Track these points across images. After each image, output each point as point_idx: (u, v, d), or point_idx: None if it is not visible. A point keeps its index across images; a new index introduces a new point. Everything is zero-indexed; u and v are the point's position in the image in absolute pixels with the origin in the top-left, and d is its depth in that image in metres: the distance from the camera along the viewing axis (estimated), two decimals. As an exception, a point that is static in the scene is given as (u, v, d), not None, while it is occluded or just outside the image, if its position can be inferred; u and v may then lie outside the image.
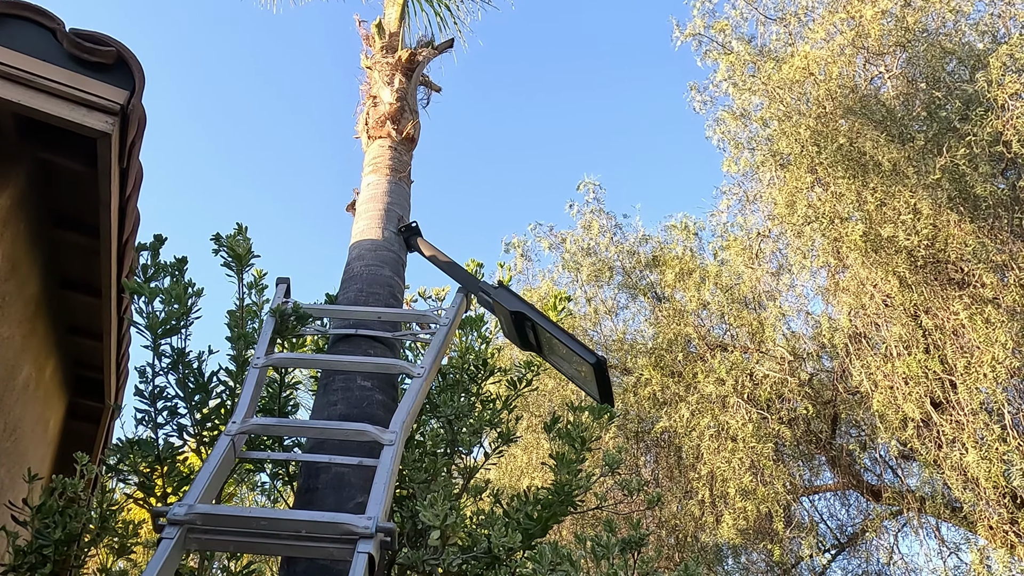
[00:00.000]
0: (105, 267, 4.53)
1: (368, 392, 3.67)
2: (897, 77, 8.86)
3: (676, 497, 9.45)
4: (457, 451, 4.42)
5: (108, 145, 3.35)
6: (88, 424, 6.98)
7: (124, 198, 4.04)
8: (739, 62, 10.90)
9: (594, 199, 12.08)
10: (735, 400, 8.42)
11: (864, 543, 11.70)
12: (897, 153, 7.65)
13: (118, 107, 3.32)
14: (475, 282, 4.11)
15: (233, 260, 4.35)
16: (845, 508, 12.27)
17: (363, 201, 4.65)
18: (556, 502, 4.07)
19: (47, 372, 5.72)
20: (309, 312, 3.88)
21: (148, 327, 3.52)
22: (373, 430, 2.92)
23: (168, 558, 2.35)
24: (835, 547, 11.97)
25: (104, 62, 3.36)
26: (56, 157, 3.66)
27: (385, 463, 2.78)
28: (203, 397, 4.22)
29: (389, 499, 2.70)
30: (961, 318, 7.11)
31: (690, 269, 10.20)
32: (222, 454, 2.80)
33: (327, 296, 4.47)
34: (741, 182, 10.44)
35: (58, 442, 6.65)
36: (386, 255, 4.33)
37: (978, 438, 7.00)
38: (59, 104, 3.24)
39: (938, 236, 7.25)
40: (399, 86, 5.15)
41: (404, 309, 4.42)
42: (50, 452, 6.52)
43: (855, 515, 12.15)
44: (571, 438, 4.33)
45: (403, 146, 4.95)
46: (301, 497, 3.38)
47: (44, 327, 5.19)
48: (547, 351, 3.95)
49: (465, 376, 4.79)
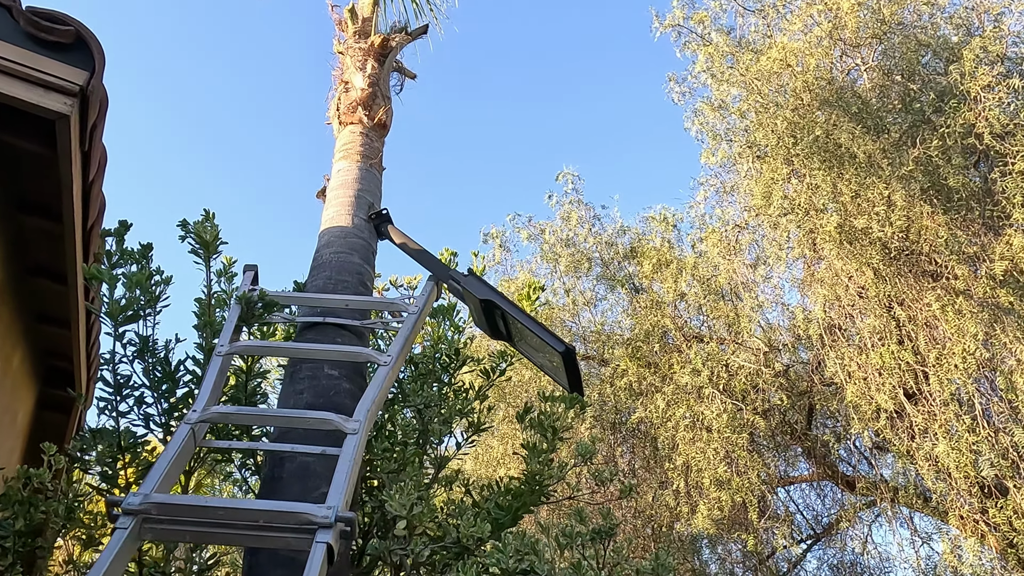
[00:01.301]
0: (70, 253, 4.43)
1: (335, 381, 3.63)
2: (873, 69, 8.90)
3: (652, 488, 9.48)
4: (428, 441, 4.39)
5: (67, 127, 3.26)
6: (59, 414, 6.87)
7: (88, 182, 3.94)
8: (718, 53, 10.90)
9: (573, 190, 12.07)
10: (710, 391, 8.44)
11: (839, 533, 11.81)
12: (872, 145, 7.68)
13: (77, 88, 3.23)
14: (445, 270, 4.07)
15: (200, 247, 4.28)
16: (820, 499, 12.38)
17: (333, 188, 4.59)
18: (527, 492, 4.06)
19: (15, 362, 5.60)
20: (276, 300, 3.83)
21: (108, 314, 3.44)
22: (336, 419, 2.88)
23: (121, 548, 2.30)
24: (810, 537, 12.07)
25: (62, 41, 3.27)
26: (16, 140, 3.56)
27: (347, 452, 2.75)
28: (170, 386, 4.16)
29: (351, 488, 2.67)
30: (934, 309, 7.17)
31: (667, 260, 10.21)
32: (181, 442, 2.75)
33: (295, 284, 4.42)
34: (719, 173, 10.47)
35: (28, 433, 6.54)
36: (356, 242, 4.27)
37: (949, 429, 7.07)
38: (15, 84, 3.15)
39: (911, 228, 7.30)
40: (371, 72, 5.09)
41: (373, 297, 4.38)
42: (19, 444, 6.40)
43: (830, 505, 12.27)
44: (543, 428, 4.31)
45: (375, 132, 4.89)
46: (266, 486, 3.34)
47: (10, 315, 5.07)
48: (517, 340, 3.92)
49: (437, 366, 4.75)
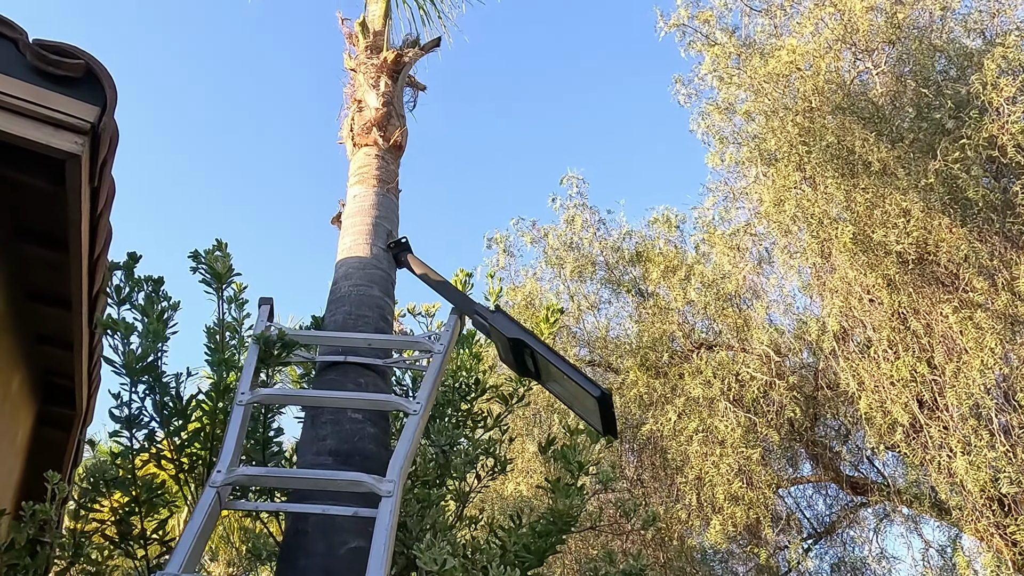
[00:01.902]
0: (76, 282, 4.27)
1: (359, 425, 3.48)
2: (885, 74, 8.75)
3: (661, 499, 9.38)
4: (450, 476, 4.25)
5: (78, 166, 3.09)
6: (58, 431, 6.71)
7: (95, 216, 3.77)
8: (724, 54, 10.73)
9: (577, 193, 11.91)
10: (724, 405, 8.33)
11: (840, 533, 11.79)
12: (886, 153, 7.55)
13: (88, 125, 3.05)
14: (470, 304, 3.90)
15: (212, 278, 4.12)
16: (823, 499, 12.35)
17: (349, 215, 4.42)
18: (554, 530, 3.93)
19: (14, 385, 5.44)
20: (295, 339, 3.66)
21: (124, 366, 3.28)
22: (370, 480, 2.73)
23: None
24: (810, 537, 12.04)
25: (72, 76, 3.09)
26: (20, 175, 3.38)
27: (384, 518, 2.60)
28: (181, 422, 4.01)
29: (389, 559, 2.52)
30: (951, 322, 7.06)
31: (674, 266, 10.07)
32: (207, 510, 2.60)
33: (313, 319, 4.25)
34: (727, 178, 10.32)
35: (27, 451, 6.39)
36: (375, 274, 4.11)
37: (967, 443, 6.98)
38: (23, 123, 2.97)
39: (928, 239, 7.18)
40: (385, 90, 4.91)
41: (396, 336, 4.22)
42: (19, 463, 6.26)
43: (832, 505, 12.24)
44: (567, 462, 4.17)
45: (390, 154, 4.71)
46: (289, 540, 3.19)
47: (11, 341, 4.91)
48: (546, 378, 3.77)
49: (456, 395, 4.61)
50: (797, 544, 9.22)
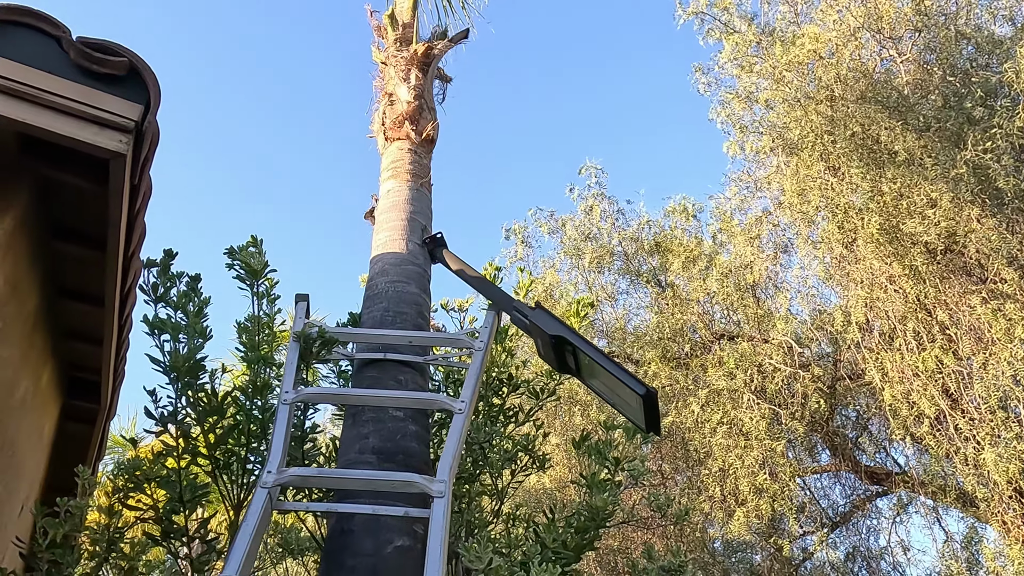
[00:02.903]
0: (111, 280, 4.27)
1: (401, 423, 3.47)
2: (911, 62, 8.65)
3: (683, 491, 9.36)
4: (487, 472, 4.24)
5: (121, 166, 3.07)
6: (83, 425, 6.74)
7: (132, 213, 3.76)
8: (743, 42, 10.62)
9: (596, 183, 11.85)
10: (748, 397, 8.29)
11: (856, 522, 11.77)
12: (913, 142, 7.47)
13: (132, 124, 3.03)
14: (509, 301, 3.88)
15: (248, 275, 4.10)
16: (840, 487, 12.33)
17: (383, 210, 4.39)
18: (591, 527, 3.92)
19: (43, 380, 5.46)
20: (335, 336, 3.65)
21: (171, 367, 3.27)
22: (422, 481, 2.72)
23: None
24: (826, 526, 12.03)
25: (115, 74, 3.06)
26: (62, 175, 3.36)
27: (438, 519, 2.59)
28: (216, 419, 4.01)
29: (445, 559, 2.51)
30: (978, 313, 7.00)
31: (695, 256, 10.02)
32: (260, 512, 2.59)
33: (351, 315, 4.24)
34: (748, 168, 10.23)
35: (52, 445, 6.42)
36: (411, 270, 4.09)
37: (995, 435, 6.93)
38: (67, 122, 2.95)
39: (957, 229, 7.10)
40: (416, 83, 4.87)
41: (436, 333, 4.20)
42: (44, 457, 6.29)
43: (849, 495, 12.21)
44: (603, 457, 4.15)
45: (423, 148, 4.68)
46: (334, 541, 3.18)
47: (42, 337, 4.92)
48: (587, 375, 3.75)
49: (489, 391, 4.60)
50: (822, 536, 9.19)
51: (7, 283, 3.55)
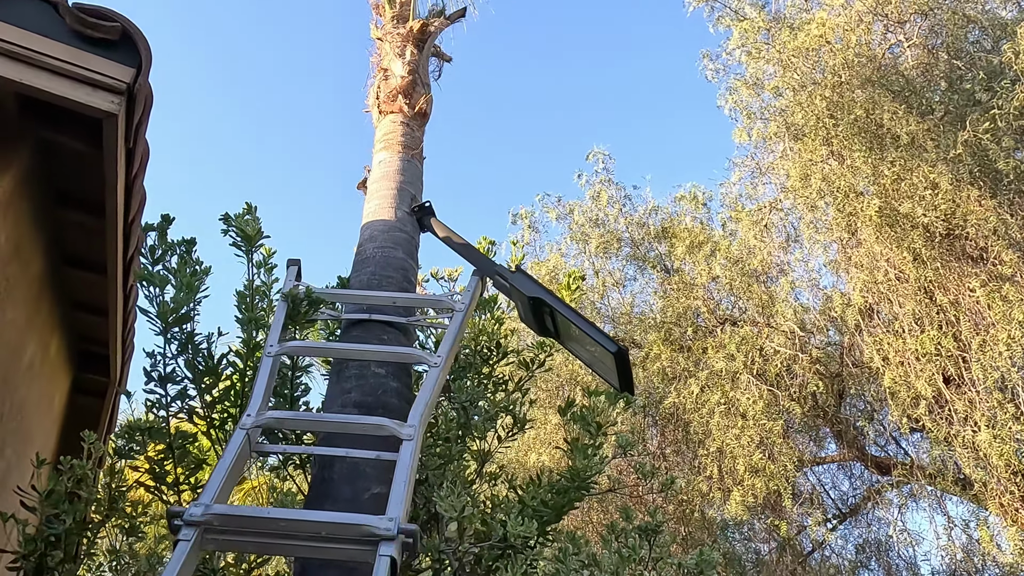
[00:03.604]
0: (111, 246, 4.42)
1: (383, 380, 3.59)
2: (917, 46, 8.63)
3: (683, 472, 9.44)
4: (471, 435, 4.36)
5: (114, 126, 3.22)
6: (94, 398, 6.92)
7: (130, 178, 3.91)
8: (752, 29, 10.63)
9: (603, 169, 11.91)
10: (746, 377, 8.35)
11: (865, 514, 11.74)
12: (916, 126, 7.48)
13: (124, 86, 3.17)
14: (491, 265, 4.00)
15: (242, 241, 4.24)
16: (848, 479, 12.30)
17: (375, 180, 4.52)
18: (572, 488, 4.02)
19: (52, 349, 5.64)
20: (322, 297, 3.78)
21: (159, 315, 3.42)
22: (392, 424, 2.85)
23: (186, 560, 2.29)
24: (835, 517, 12.00)
25: (108, 38, 3.21)
26: (59, 136, 3.52)
27: (404, 459, 2.71)
28: (213, 380, 4.15)
29: (409, 497, 2.64)
30: (977, 295, 7.01)
31: (700, 242, 10.06)
32: (237, 449, 2.73)
33: (339, 279, 4.37)
34: (753, 153, 10.27)
35: (63, 417, 6.60)
36: (399, 236, 4.21)
37: (992, 417, 6.94)
38: (63, 83, 3.10)
39: (956, 211, 7.11)
40: (411, 59, 4.99)
41: (419, 294, 4.33)
42: (55, 428, 6.47)
43: (858, 486, 12.18)
44: (586, 423, 4.25)
45: (415, 121, 4.80)
46: (315, 488, 3.32)
47: (48, 305, 5.09)
48: (565, 337, 3.85)
49: (478, 358, 4.71)
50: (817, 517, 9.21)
51: (9, 242, 3.71)
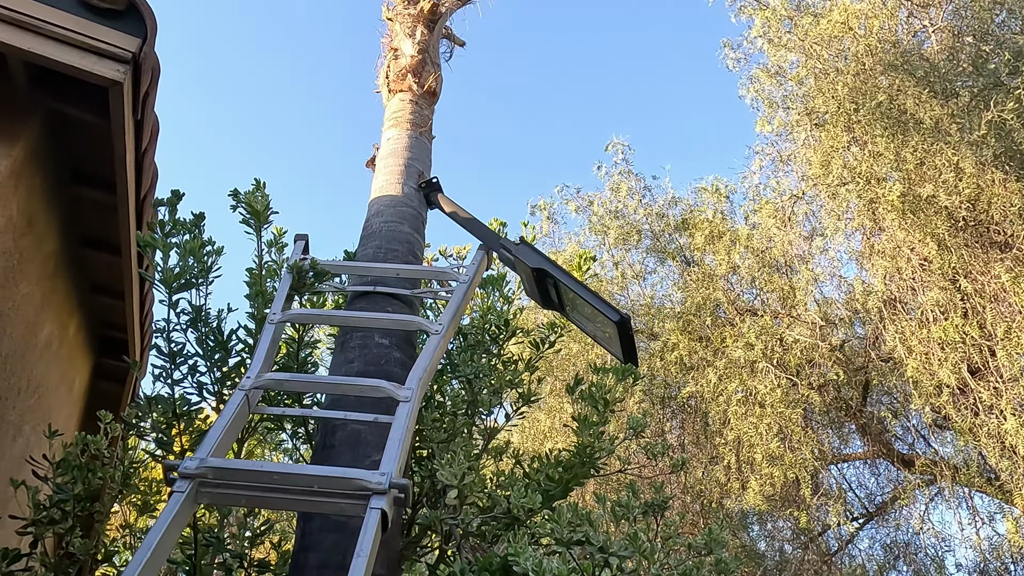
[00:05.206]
0: (124, 224, 4.47)
1: (386, 350, 3.60)
2: (942, 30, 8.48)
3: (702, 463, 9.35)
4: (477, 412, 4.35)
5: (120, 95, 3.26)
6: (114, 384, 7.01)
7: (140, 152, 3.96)
8: (775, 17, 10.51)
9: (623, 160, 11.85)
10: (764, 365, 8.25)
11: (893, 512, 11.52)
12: (940, 110, 7.33)
13: (130, 55, 3.22)
14: (496, 238, 3.99)
15: (252, 217, 4.27)
16: (875, 477, 12.08)
17: (383, 156, 4.54)
18: (578, 464, 3.99)
19: (71, 331, 5.71)
20: (327, 268, 3.80)
21: (162, 281, 3.46)
22: (388, 386, 2.85)
23: (178, 512, 2.31)
24: (863, 516, 11.80)
25: (114, 8, 3.26)
26: (68, 108, 3.58)
27: (400, 419, 2.71)
28: (223, 355, 4.19)
29: (404, 456, 2.63)
30: (1003, 281, 6.85)
31: (720, 232, 9.96)
32: (236, 408, 2.75)
33: (346, 253, 4.39)
34: (775, 142, 10.15)
35: (84, 401, 6.69)
36: (405, 211, 4.22)
37: (1017, 406, 6.78)
38: (69, 52, 3.15)
39: (980, 196, 6.96)
40: (421, 38, 5.00)
41: (423, 266, 4.33)
42: (76, 411, 6.56)
43: (884, 484, 11.96)
44: (594, 400, 4.22)
45: (424, 100, 4.81)
46: (318, 455, 3.34)
47: (65, 285, 5.16)
48: (570, 310, 3.83)
49: (486, 337, 4.70)
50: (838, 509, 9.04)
51: (21, 214, 3.78)
